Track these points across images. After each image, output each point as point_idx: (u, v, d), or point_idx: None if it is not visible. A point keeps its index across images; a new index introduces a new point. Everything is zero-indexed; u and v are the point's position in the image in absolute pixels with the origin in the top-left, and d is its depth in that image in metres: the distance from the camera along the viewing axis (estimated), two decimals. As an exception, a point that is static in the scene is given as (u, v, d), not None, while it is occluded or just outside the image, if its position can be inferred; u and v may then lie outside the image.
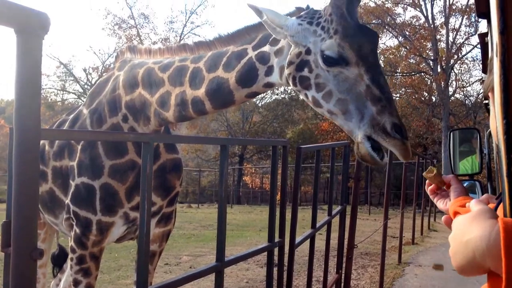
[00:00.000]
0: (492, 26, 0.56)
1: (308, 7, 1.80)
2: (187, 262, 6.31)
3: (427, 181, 1.17)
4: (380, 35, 21.58)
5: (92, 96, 2.24)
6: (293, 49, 1.71)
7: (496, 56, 0.55)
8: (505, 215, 0.59)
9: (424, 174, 1.19)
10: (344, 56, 1.58)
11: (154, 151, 2.04)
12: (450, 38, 20.08)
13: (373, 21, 20.70)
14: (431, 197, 1.15)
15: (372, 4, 20.75)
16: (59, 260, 3.21)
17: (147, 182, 1.14)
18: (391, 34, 21.61)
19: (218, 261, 1.54)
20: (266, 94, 28.16)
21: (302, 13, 1.75)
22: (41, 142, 2.33)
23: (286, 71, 1.72)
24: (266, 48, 1.78)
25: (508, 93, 0.54)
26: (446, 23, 19.91)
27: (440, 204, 1.08)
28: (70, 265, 2.11)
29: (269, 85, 1.80)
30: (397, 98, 21.42)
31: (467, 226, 0.60)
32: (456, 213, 0.89)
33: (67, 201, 2.11)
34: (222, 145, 1.62)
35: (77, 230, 2.06)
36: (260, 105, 28.59)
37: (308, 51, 1.67)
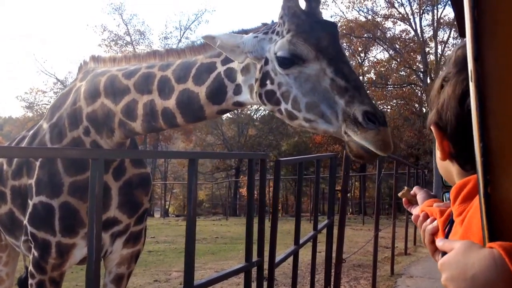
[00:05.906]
0: (467, 53, 0.59)
1: (272, 22, 1.64)
2: (177, 278, 6.16)
3: (403, 199, 1.22)
4: (371, 49, 21.93)
5: (52, 110, 2.08)
6: (257, 66, 1.58)
7: (471, 81, 0.58)
8: (483, 237, 0.61)
9: (399, 194, 1.23)
10: (298, 52, 1.44)
11: (119, 166, 1.96)
12: (439, 51, 20.38)
13: (364, 35, 21.00)
14: (407, 209, 1.21)
15: (362, 19, 21.07)
16: (26, 284, 3.07)
17: (96, 204, 1.08)
18: (381, 48, 21.89)
19: (186, 286, 1.46)
20: (260, 106, 28.20)
21: (261, 27, 1.64)
22: (0, 161, 2.18)
23: (255, 90, 1.59)
24: (235, 64, 1.65)
25: (483, 117, 0.57)
26: (435, 36, 20.22)
27: (414, 211, 1.17)
28: None
29: (239, 104, 1.69)
30: (389, 110, 21.65)
31: (464, 263, 0.61)
32: (422, 211, 1.01)
33: (25, 221, 1.96)
34: (191, 159, 1.56)
35: (35, 253, 1.91)
36: (255, 117, 28.65)
37: (266, 61, 1.53)
